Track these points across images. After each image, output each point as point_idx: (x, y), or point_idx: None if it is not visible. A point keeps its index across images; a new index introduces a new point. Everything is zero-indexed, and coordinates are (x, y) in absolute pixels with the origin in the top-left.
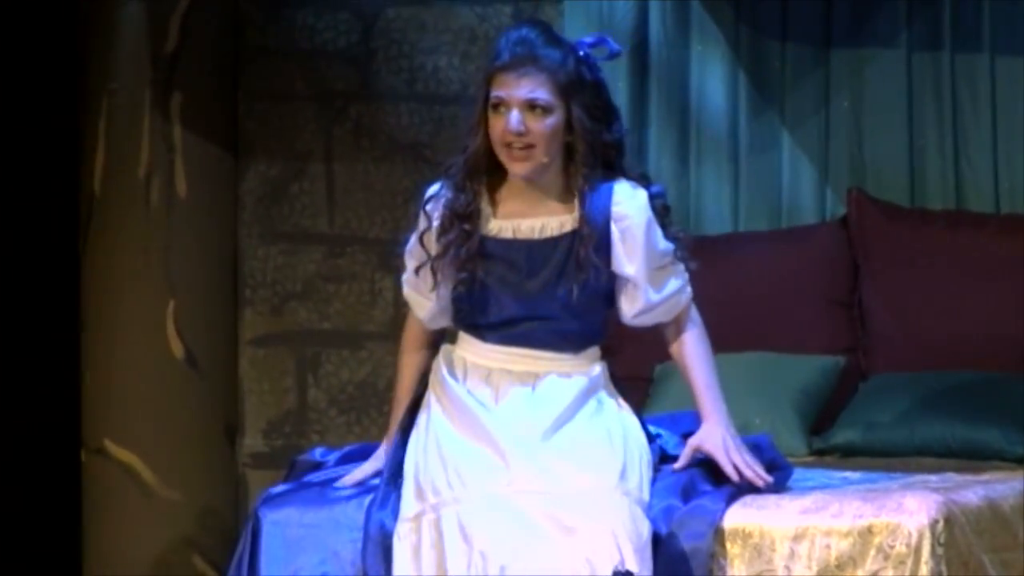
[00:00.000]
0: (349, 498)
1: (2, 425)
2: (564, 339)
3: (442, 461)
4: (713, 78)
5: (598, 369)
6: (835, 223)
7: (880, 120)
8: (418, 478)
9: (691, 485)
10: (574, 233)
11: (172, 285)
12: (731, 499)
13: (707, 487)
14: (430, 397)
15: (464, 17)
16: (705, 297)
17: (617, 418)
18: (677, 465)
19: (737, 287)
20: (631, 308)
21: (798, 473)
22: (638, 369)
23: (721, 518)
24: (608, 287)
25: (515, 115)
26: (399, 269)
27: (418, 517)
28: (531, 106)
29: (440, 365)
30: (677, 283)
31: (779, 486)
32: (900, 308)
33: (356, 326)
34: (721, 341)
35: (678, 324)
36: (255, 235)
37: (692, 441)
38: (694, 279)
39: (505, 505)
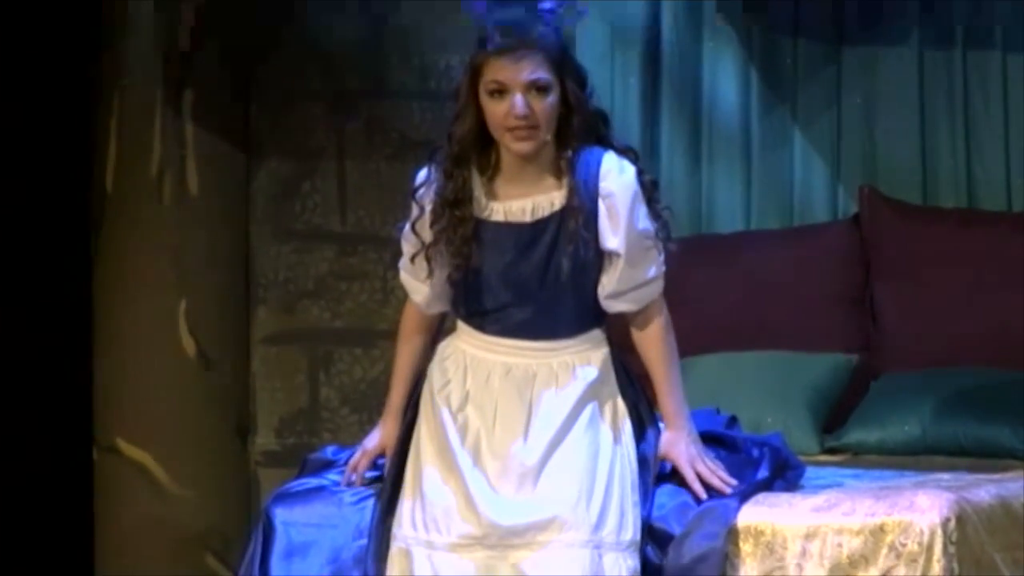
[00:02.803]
0: (361, 498)
1: (14, 423)
2: (561, 323)
3: (421, 498)
4: (725, 75)
5: (595, 371)
6: (847, 221)
7: (892, 118)
8: (402, 502)
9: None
10: (563, 209)
11: (184, 283)
12: (744, 498)
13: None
14: (421, 416)
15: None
16: (716, 295)
17: (609, 433)
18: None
19: (748, 285)
20: (604, 288)
21: (810, 471)
22: None
23: (735, 518)
24: (598, 263)
25: (519, 99)
26: (396, 256)
27: (398, 539)
28: (534, 87)
29: (432, 377)
30: (652, 272)
31: (791, 484)
32: (912, 306)
33: (368, 324)
34: (732, 339)
35: (646, 317)
36: (267, 233)
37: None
38: (702, 277)
39: (473, 560)
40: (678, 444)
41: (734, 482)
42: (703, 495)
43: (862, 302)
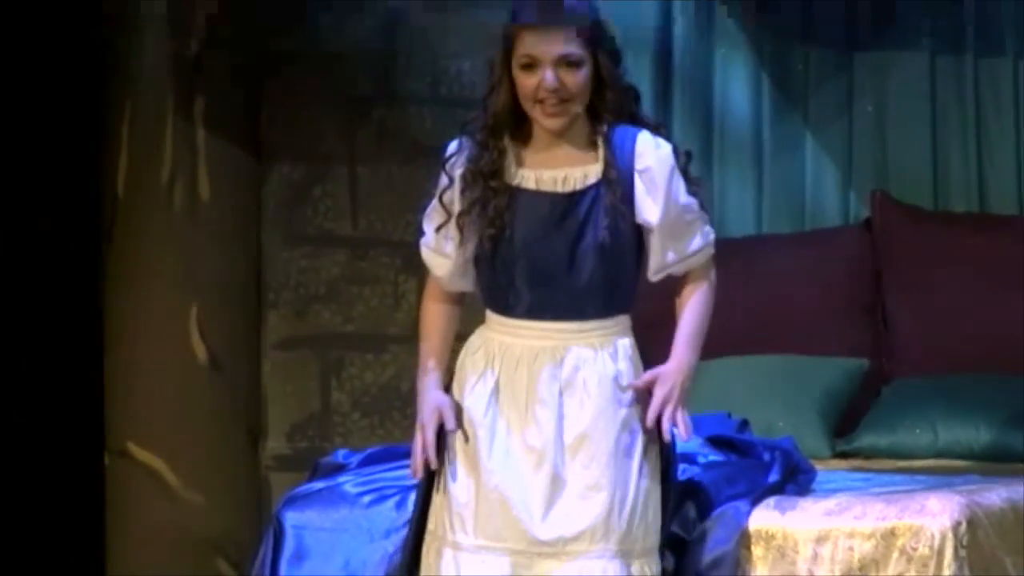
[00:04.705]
0: (371, 502)
1: (26, 428)
2: (588, 302)
3: (450, 496)
4: (737, 81)
5: (625, 361)
6: (858, 226)
7: (903, 123)
8: (434, 498)
9: (714, 488)
10: (598, 184)
11: (195, 288)
12: (755, 502)
13: (729, 491)
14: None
15: (487, 20)
16: (729, 300)
17: (642, 437)
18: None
19: (760, 290)
20: (651, 267)
21: (821, 476)
22: None
23: (747, 522)
24: (633, 241)
25: (549, 73)
26: (422, 269)
27: (430, 534)
28: (564, 62)
29: (464, 370)
30: (696, 243)
31: (802, 488)
32: (923, 311)
33: (379, 329)
34: (745, 344)
35: (689, 277)
36: (278, 238)
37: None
38: (721, 282)
39: (502, 564)
40: (665, 379)
41: (685, 437)
42: (650, 425)
43: (874, 307)
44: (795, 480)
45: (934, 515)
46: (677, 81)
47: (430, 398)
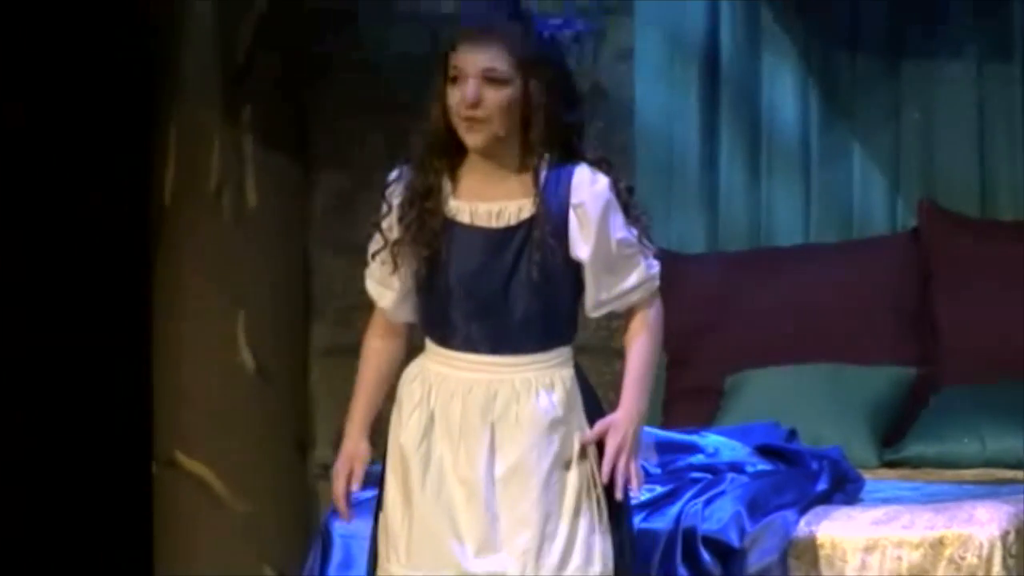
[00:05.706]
0: None
1: (74, 438)
2: (524, 336)
3: (384, 525)
4: (784, 89)
5: (558, 395)
6: (906, 234)
7: (951, 131)
8: (373, 525)
9: (762, 497)
10: (532, 219)
11: (242, 296)
12: (804, 511)
13: (778, 500)
14: (390, 441)
15: None
16: (776, 308)
17: (576, 467)
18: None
19: (808, 298)
20: (588, 301)
21: (869, 485)
22: (709, 380)
23: (795, 531)
24: (569, 276)
25: (471, 85)
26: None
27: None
28: (488, 77)
29: (401, 401)
30: (633, 280)
31: (850, 497)
32: (971, 319)
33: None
34: (792, 352)
35: (632, 314)
36: (325, 246)
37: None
38: (761, 290)
39: None
40: (617, 429)
41: (636, 493)
42: (604, 480)
43: (921, 315)
44: (843, 489)
45: (982, 524)
46: (724, 88)
47: (348, 447)
